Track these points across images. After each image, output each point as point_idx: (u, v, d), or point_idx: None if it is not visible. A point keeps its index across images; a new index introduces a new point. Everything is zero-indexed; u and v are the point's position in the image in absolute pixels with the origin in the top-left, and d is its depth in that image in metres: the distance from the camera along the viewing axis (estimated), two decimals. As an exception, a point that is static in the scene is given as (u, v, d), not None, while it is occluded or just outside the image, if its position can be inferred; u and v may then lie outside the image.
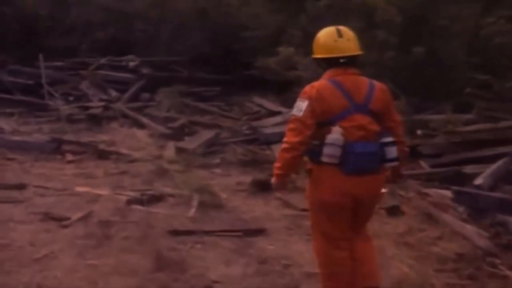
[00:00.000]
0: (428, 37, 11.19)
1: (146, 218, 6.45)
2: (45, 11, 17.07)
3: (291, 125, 4.32)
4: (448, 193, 7.21)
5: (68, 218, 6.46)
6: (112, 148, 9.46)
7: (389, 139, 4.36)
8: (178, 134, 10.85)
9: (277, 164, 4.41)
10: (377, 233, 5.85)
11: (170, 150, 9.46)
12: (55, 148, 9.46)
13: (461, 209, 6.81)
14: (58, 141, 9.67)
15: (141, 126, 11.40)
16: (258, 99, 14.54)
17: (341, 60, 4.36)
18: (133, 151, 9.27)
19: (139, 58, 15.77)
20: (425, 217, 6.63)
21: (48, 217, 6.52)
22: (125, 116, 11.95)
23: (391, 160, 4.36)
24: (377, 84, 4.45)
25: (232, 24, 15.84)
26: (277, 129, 10.41)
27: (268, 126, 11.40)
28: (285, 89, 14.55)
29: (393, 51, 10.82)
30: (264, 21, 15.57)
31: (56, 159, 9.15)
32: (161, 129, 11.00)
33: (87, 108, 12.44)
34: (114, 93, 13.92)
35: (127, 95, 13.84)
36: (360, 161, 4.27)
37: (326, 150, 4.25)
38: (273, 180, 4.48)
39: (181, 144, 9.89)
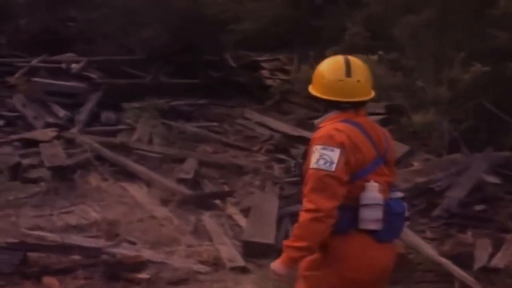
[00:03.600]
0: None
1: None
2: None
3: (318, 184, 3.16)
4: None
5: None
6: (125, 250, 5.07)
7: (401, 194, 3.47)
8: (202, 195, 6.74)
9: (298, 243, 3.16)
10: None
11: (226, 245, 5.33)
12: (19, 263, 4.62)
13: None
14: (24, 248, 4.83)
15: (130, 176, 7.22)
16: (254, 114, 10.92)
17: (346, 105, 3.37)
18: (161, 248, 5.08)
19: (84, 58, 11.55)
20: None
21: None
22: (99, 158, 7.63)
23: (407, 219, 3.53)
24: (385, 129, 3.57)
25: (201, 13, 12.14)
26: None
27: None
28: (265, 97, 11.51)
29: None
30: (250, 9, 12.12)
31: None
32: (171, 184, 6.83)
33: (34, 142, 8.03)
34: (62, 112, 9.57)
35: (83, 116, 9.50)
36: (399, 223, 3.39)
37: (366, 213, 3.22)
38: (282, 266, 3.18)
39: (243, 233, 5.65)
